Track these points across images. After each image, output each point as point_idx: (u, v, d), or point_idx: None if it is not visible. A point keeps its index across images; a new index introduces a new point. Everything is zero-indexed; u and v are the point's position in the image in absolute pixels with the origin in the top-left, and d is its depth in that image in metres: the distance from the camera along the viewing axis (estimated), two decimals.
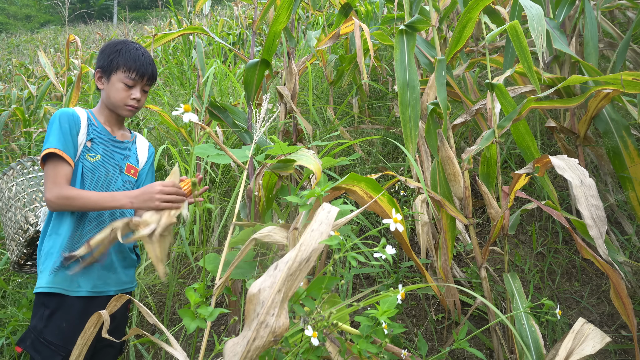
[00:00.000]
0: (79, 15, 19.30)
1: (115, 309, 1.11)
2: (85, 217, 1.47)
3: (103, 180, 1.52)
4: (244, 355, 0.82)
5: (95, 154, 1.52)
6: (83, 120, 1.51)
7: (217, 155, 1.44)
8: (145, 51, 1.59)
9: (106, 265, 1.50)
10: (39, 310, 1.41)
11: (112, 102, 1.55)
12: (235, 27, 8.45)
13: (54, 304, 1.41)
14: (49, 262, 1.42)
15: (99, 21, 19.34)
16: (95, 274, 1.47)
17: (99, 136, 1.55)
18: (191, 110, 1.19)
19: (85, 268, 1.43)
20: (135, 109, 1.57)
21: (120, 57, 1.54)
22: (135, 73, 1.53)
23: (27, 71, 9.20)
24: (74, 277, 1.42)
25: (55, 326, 1.38)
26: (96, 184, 1.50)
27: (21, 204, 1.59)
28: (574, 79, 1.50)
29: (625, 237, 2.20)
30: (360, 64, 2.37)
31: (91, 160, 1.50)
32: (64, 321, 1.39)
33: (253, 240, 1.12)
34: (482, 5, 1.66)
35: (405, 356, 1.11)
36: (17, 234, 1.57)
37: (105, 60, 1.56)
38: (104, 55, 1.56)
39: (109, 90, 1.55)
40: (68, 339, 1.36)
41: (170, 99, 4.47)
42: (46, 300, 1.41)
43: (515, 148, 2.77)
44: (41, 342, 1.37)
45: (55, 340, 1.37)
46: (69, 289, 1.42)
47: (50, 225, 1.46)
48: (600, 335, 1.14)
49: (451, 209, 1.64)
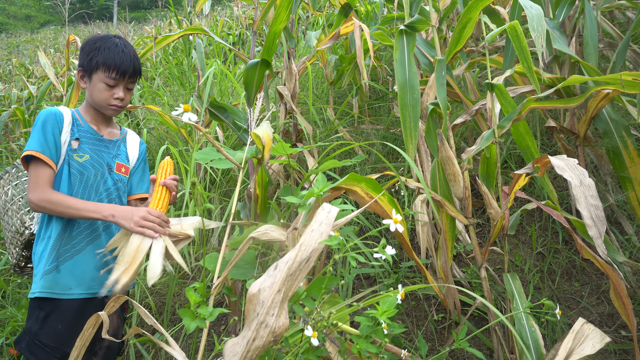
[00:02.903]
0: (79, 16, 19.30)
1: (113, 309, 1.10)
2: (75, 220, 1.44)
3: (92, 180, 1.48)
4: (244, 355, 0.82)
5: (83, 154, 1.48)
6: (67, 118, 1.47)
7: (219, 160, 1.43)
8: (126, 46, 1.52)
9: (101, 266, 1.45)
10: (34, 312, 1.39)
11: (95, 102, 1.51)
12: (235, 27, 8.45)
13: (49, 307, 1.39)
14: (41, 266, 1.40)
15: (99, 21, 19.34)
16: (89, 276, 1.44)
17: (86, 135, 1.51)
18: (191, 110, 1.19)
19: (75, 271, 1.41)
20: (120, 108, 1.52)
21: (99, 55, 1.46)
22: (115, 72, 1.46)
23: (27, 71, 9.20)
24: (65, 281, 1.40)
25: (50, 328, 1.37)
26: (85, 184, 1.46)
27: (16, 207, 1.58)
28: (573, 79, 1.50)
29: (625, 237, 2.20)
30: (360, 64, 2.37)
31: (79, 160, 1.46)
32: (59, 323, 1.37)
33: (251, 239, 1.12)
34: (482, 5, 1.66)
35: (405, 356, 1.11)
36: (15, 237, 1.56)
37: (85, 58, 1.49)
38: (84, 53, 1.50)
39: (92, 90, 1.50)
40: (63, 341, 1.35)
41: (170, 99, 4.47)
42: (41, 303, 1.39)
43: (515, 148, 2.77)
44: (36, 344, 1.35)
45: (51, 342, 1.35)
46: (61, 292, 1.40)
47: (42, 228, 1.45)
48: (600, 335, 1.14)
49: (451, 209, 1.64)
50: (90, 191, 1.47)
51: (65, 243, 1.42)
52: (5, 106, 5.81)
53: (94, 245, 1.46)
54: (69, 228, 1.44)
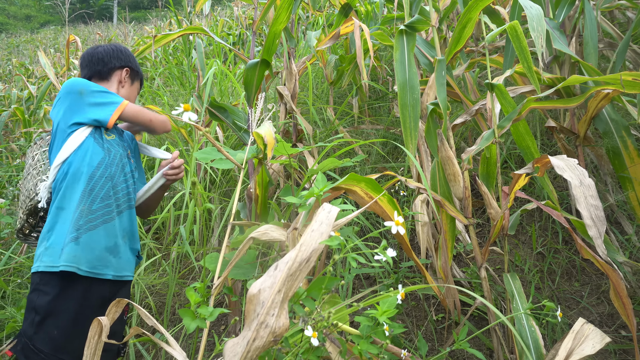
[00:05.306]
0: (79, 16, 19.31)
1: (116, 315, 1.09)
2: (94, 192, 1.45)
3: (119, 160, 1.55)
4: (244, 356, 0.82)
5: (110, 133, 1.57)
6: None
7: (219, 160, 1.43)
8: None
9: (110, 247, 1.46)
10: (29, 315, 1.35)
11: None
12: (235, 27, 8.45)
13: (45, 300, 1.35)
14: (59, 238, 1.38)
15: (99, 21, 19.34)
16: (96, 254, 1.42)
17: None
18: (191, 110, 1.19)
19: (89, 244, 1.40)
20: None
21: (140, 68, 1.77)
22: (142, 86, 1.81)
23: (27, 71, 9.19)
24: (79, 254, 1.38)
25: (45, 333, 1.33)
26: (112, 159, 1.52)
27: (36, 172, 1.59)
28: (573, 79, 1.50)
29: (625, 237, 2.20)
30: (360, 64, 2.37)
31: (107, 138, 1.55)
32: (55, 328, 1.34)
33: (251, 239, 1.12)
34: (482, 5, 1.66)
35: (405, 356, 1.11)
36: (24, 202, 1.56)
37: (135, 65, 1.74)
38: (134, 60, 1.75)
39: (130, 93, 1.72)
40: (59, 347, 1.32)
41: (170, 99, 4.47)
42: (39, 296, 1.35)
43: (515, 148, 2.77)
44: (31, 348, 1.31)
45: (45, 348, 1.31)
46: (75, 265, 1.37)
47: (57, 200, 1.43)
48: (600, 336, 1.14)
49: (451, 209, 1.64)
50: (116, 169, 1.53)
51: (85, 215, 1.42)
52: (5, 106, 5.80)
53: (108, 225, 1.46)
54: (89, 201, 1.44)
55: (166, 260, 2.75)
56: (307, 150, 2.52)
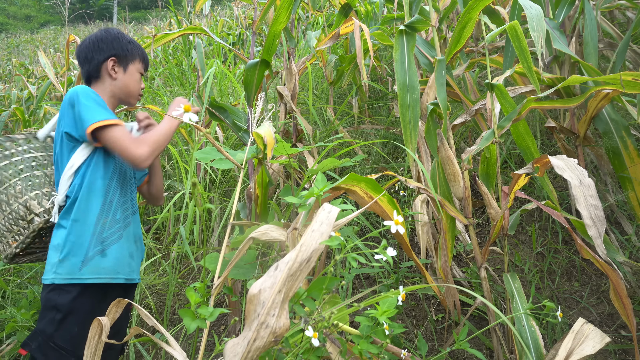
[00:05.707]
0: (79, 16, 19.31)
1: (117, 315, 1.09)
2: (113, 203, 1.44)
3: (126, 164, 1.51)
4: (245, 356, 0.82)
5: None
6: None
7: (219, 160, 1.43)
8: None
9: (131, 252, 1.48)
10: (49, 313, 1.35)
11: (129, 91, 1.55)
12: (235, 27, 8.46)
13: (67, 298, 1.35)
14: (80, 251, 1.36)
15: (99, 21, 19.35)
16: (122, 262, 1.44)
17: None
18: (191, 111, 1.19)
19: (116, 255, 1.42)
20: (141, 97, 1.61)
21: (134, 47, 1.56)
22: (146, 64, 1.61)
23: (27, 71, 9.19)
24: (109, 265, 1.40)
25: (66, 331, 1.34)
26: (122, 165, 1.49)
27: (27, 185, 1.46)
28: (573, 79, 1.50)
29: (625, 237, 2.20)
30: (360, 64, 2.37)
31: None
32: (76, 326, 1.35)
33: (251, 239, 1.12)
34: (482, 5, 1.66)
35: (405, 356, 1.11)
36: (17, 225, 1.46)
37: (121, 49, 1.53)
38: (119, 44, 1.54)
39: (127, 80, 1.54)
40: (78, 345, 1.32)
41: (170, 99, 4.47)
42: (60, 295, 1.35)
43: (515, 148, 2.77)
44: (50, 346, 1.32)
45: (67, 345, 1.33)
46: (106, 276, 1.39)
47: (72, 213, 1.39)
48: (600, 336, 1.14)
49: (451, 209, 1.64)
50: (126, 173, 1.51)
51: (109, 227, 1.42)
52: (5, 106, 5.80)
53: (127, 231, 1.48)
54: (112, 212, 1.43)
55: (166, 260, 2.75)
56: (307, 150, 2.52)
